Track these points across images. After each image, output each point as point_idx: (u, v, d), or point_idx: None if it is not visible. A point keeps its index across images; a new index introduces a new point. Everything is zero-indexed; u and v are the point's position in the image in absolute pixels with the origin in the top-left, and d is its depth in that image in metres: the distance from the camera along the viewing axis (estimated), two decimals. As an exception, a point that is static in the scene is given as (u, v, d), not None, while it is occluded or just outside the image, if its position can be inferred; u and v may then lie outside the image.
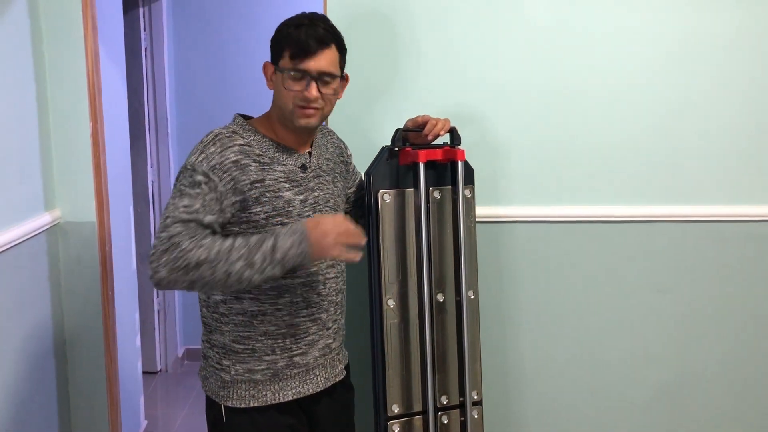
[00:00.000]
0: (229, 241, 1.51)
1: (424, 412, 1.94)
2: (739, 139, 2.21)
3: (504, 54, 2.17)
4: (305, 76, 1.61)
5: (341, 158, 1.89)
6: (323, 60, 1.61)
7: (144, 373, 3.54)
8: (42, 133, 2.16)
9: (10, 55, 1.98)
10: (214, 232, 1.57)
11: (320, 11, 2.15)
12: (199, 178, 1.55)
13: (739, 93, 2.19)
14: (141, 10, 3.68)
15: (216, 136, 1.62)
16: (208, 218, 1.55)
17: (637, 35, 2.16)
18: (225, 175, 1.57)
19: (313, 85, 1.61)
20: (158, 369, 4.04)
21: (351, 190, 1.97)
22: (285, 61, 1.62)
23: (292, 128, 1.67)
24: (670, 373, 2.32)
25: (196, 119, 3.96)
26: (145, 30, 3.73)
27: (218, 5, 3.89)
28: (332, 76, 1.64)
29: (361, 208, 1.99)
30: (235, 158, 1.59)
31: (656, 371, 2.32)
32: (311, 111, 1.63)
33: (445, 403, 1.98)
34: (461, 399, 1.98)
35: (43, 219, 2.14)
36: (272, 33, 1.68)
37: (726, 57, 2.17)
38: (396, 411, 1.93)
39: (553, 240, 2.26)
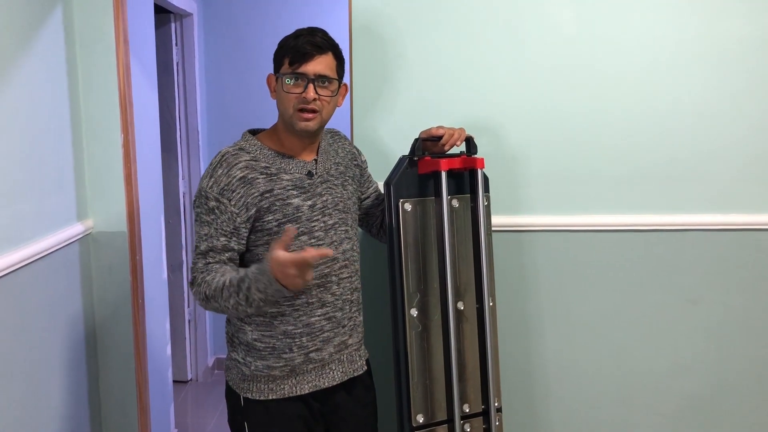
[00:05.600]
0: (222, 279, 1.66)
1: (450, 420, 1.94)
2: (770, 146, 2.17)
3: (523, 62, 2.17)
4: (303, 78, 1.69)
5: (354, 162, 1.93)
6: (320, 64, 1.70)
7: (175, 382, 3.58)
8: (75, 145, 2.22)
9: (44, 68, 2.04)
10: (231, 255, 1.72)
11: (345, 23, 2.18)
12: (212, 204, 1.70)
13: (769, 98, 2.15)
14: (173, 25, 3.76)
15: (223, 156, 1.73)
16: (222, 240, 1.70)
17: (661, 41, 2.14)
18: (234, 195, 1.69)
19: (311, 86, 1.69)
20: (189, 378, 4.09)
21: (366, 199, 2.00)
22: (284, 68, 1.72)
23: (296, 135, 1.75)
24: (701, 384, 2.29)
25: (227, 132, 3.99)
26: (176, 45, 3.81)
27: (248, 20, 3.94)
28: (329, 79, 1.72)
29: (382, 219, 2.01)
30: (242, 175, 1.69)
31: (687, 382, 2.29)
32: (310, 115, 1.72)
33: (466, 411, 1.98)
34: (483, 406, 1.98)
35: (76, 229, 2.19)
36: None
37: (756, 61, 2.14)
38: (421, 421, 1.93)
39: (578, 249, 2.24)
